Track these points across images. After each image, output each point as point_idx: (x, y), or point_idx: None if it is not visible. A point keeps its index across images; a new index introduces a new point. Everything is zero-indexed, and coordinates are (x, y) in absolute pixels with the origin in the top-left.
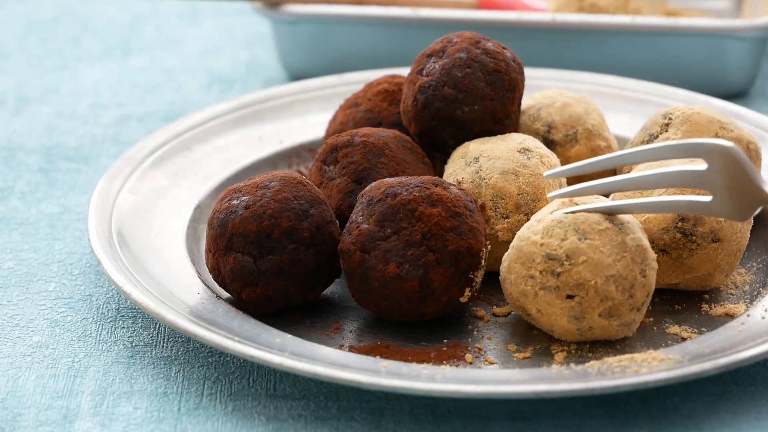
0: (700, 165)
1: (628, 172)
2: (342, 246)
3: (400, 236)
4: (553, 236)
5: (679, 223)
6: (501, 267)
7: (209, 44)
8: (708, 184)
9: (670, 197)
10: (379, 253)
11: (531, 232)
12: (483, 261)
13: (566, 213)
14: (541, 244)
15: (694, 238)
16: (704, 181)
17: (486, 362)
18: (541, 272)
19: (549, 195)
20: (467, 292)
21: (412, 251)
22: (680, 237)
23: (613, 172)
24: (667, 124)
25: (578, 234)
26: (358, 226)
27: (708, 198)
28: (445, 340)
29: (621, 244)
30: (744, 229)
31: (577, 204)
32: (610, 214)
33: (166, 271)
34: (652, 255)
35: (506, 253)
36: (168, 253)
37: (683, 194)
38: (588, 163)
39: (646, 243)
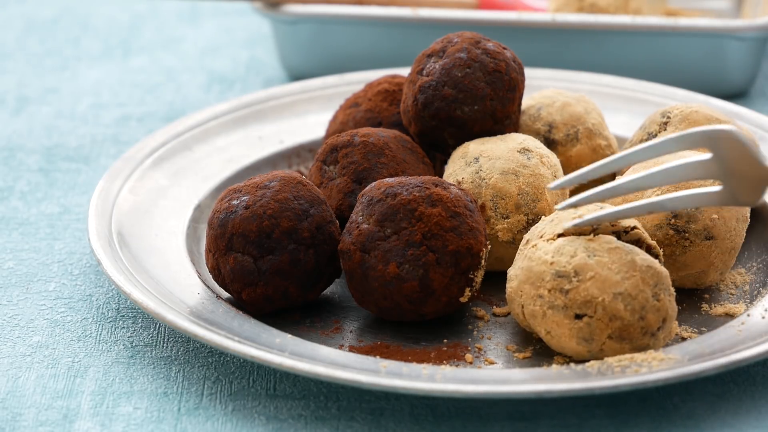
0: (704, 154)
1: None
2: (342, 246)
3: (400, 236)
4: (564, 254)
5: (672, 220)
6: (508, 286)
7: (209, 44)
8: (715, 173)
9: (679, 193)
10: (379, 253)
11: (542, 252)
12: (483, 261)
13: (572, 225)
14: (551, 263)
15: (687, 235)
16: (711, 170)
17: (486, 362)
18: (549, 290)
19: (556, 207)
20: (467, 292)
21: (412, 251)
22: (673, 234)
23: (613, 176)
24: (665, 123)
25: (588, 252)
26: (358, 226)
27: (718, 188)
28: (445, 340)
29: (630, 263)
30: (739, 227)
31: (581, 216)
32: (618, 220)
33: (166, 271)
34: (668, 281)
35: (513, 272)
36: (168, 253)
37: (690, 188)
38: (591, 169)
39: (659, 268)
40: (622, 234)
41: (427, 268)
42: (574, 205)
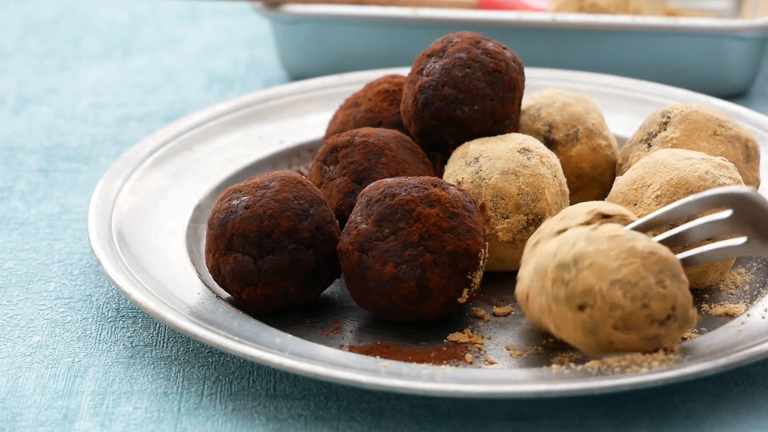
0: (725, 212)
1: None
2: (340, 246)
3: (398, 236)
4: (566, 243)
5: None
6: (518, 286)
7: (209, 44)
8: (738, 229)
9: (709, 246)
10: (377, 253)
11: (549, 246)
12: (481, 262)
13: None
14: (554, 254)
15: None
16: (733, 227)
17: (486, 362)
18: (553, 282)
19: None
20: (465, 293)
21: (410, 251)
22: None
23: (612, 174)
24: (665, 123)
25: (588, 240)
26: (356, 226)
27: (743, 239)
28: (445, 340)
29: (630, 250)
30: None
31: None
32: None
33: (166, 271)
34: (678, 267)
35: (524, 272)
36: (168, 253)
37: (717, 240)
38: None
39: (665, 254)
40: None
41: (425, 269)
42: None
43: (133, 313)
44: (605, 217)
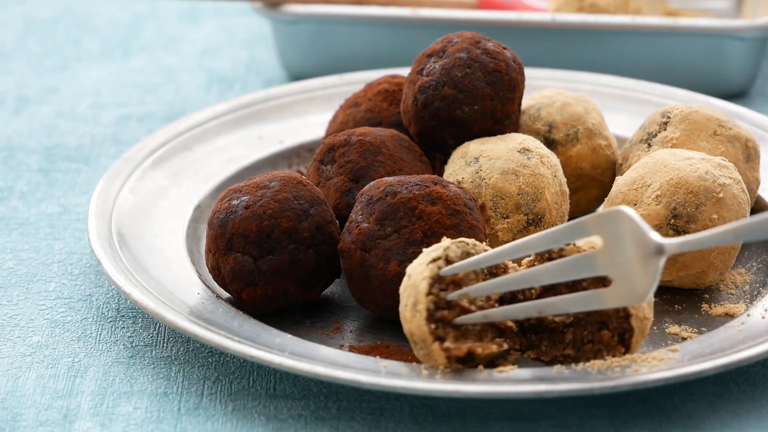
0: (591, 251)
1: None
2: (342, 245)
3: (401, 234)
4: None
5: (672, 221)
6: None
7: (209, 44)
8: (604, 266)
9: (569, 296)
10: (380, 251)
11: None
12: None
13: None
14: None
15: (686, 235)
16: (603, 261)
17: None
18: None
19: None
20: None
21: (413, 249)
22: (673, 234)
23: (612, 174)
24: (665, 123)
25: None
26: (357, 225)
27: (608, 289)
28: None
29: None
30: None
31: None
32: (501, 320)
33: (166, 271)
34: (420, 297)
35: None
36: (168, 253)
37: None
38: (480, 259)
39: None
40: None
41: None
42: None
43: (133, 313)
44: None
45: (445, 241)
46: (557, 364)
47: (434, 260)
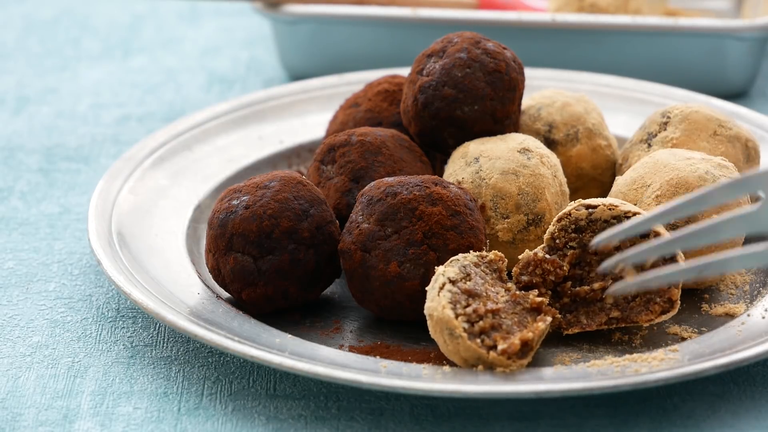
0: (754, 205)
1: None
2: (342, 246)
3: (401, 235)
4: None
5: (672, 221)
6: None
7: (209, 44)
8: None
9: (734, 252)
10: (380, 252)
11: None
12: None
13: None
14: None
15: None
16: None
17: None
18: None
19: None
20: None
21: (413, 250)
22: None
23: (612, 174)
24: (665, 123)
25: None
26: (358, 226)
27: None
28: None
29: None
30: None
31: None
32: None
33: (166, 271)
34: (453, 324)
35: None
36: (168, 253)
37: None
38: (633, 224)
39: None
40: (622, 217)
41: (429, 267)
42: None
43: (133, 313)
44: (590, 208)
45: (438, 269)
46: (605, 327)
47: (441, 287)
